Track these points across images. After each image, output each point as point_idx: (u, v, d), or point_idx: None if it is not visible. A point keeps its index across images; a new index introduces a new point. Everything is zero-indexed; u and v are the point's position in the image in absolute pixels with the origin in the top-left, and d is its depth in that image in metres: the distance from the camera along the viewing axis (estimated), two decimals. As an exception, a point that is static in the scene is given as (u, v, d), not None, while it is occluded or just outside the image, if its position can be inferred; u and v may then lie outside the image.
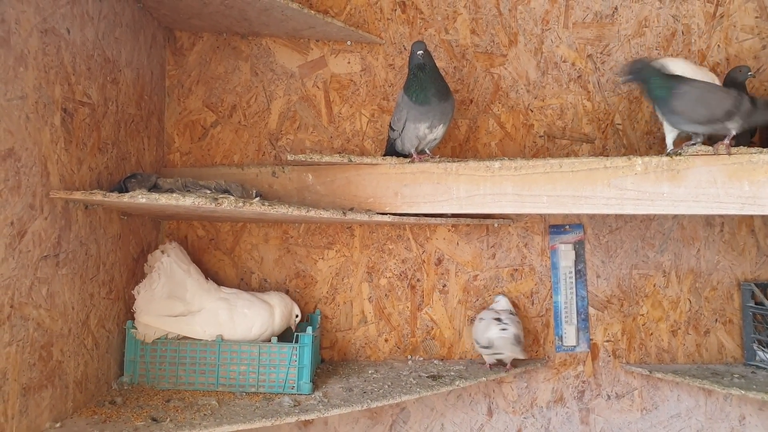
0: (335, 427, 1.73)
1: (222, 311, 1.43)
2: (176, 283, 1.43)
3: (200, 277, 1.50)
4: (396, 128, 1.55)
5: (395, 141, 1.58)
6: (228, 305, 1.44)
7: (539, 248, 1.80)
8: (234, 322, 1.43)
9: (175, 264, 1.43)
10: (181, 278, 1.44)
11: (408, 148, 1.54)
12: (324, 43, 1.80)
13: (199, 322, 1.41)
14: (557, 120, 1.82)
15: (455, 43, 1.83)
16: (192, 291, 1.44)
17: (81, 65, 1.24)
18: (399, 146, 1.57)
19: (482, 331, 1.62)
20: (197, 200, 1.13)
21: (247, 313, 1.44)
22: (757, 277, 1.78)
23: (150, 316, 1.38)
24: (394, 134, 1.57)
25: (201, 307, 1.43)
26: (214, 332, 1.42)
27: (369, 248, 1.78)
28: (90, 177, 1.28)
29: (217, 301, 1.45)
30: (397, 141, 1.57)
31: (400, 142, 1.55)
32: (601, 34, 1.84)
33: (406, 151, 1.55)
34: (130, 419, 1.16)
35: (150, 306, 1.39)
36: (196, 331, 1.41)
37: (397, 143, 1.57)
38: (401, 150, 1.57)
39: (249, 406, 1.31)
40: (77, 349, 1.21)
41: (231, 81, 1.78)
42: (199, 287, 1.46)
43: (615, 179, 1.34)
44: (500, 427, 1.77)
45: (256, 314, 1.45)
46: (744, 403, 1.75)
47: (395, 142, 1.58)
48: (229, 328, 1.42)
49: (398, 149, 1.58)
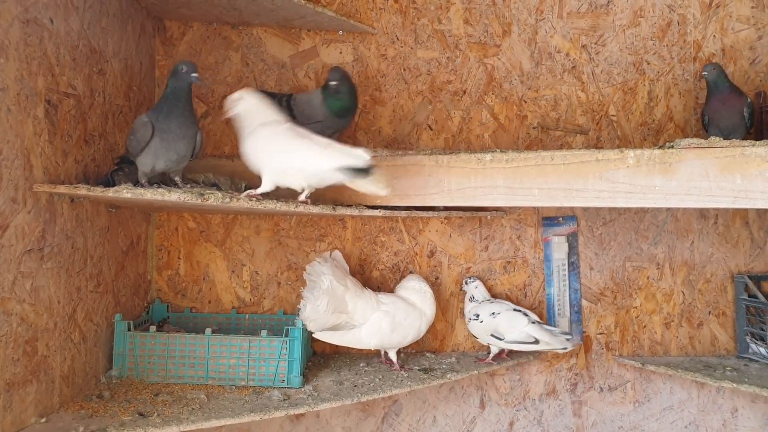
0: (327, 420, 1.73)
1: (385, 324, 1.51)
2: (338, 299, 1.47)
3: (358, 289, 1.54)
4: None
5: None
6: (390, 318, 1.52)
7: (532, 240, 1.79)
8: (394, 333, 1.52)
9: (335, 282, 1.47)
10: (342, 294, 1.48)
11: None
12: (315, 33, 1.78)
13: (365, 335, 1.50)
14: (551, 111, 1.80)
15: (448, 33, 1.80)
16: (352, 304, 1.49)
17: (65, 56, 1.22)
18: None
19: (510, 326, 1.57)
20: (183, 195, 1.12)
21: (404, 323, 1.53)
22: (751, 269, 1.78)
23: (319, 333, 1.48)
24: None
25: (364, 319, 1.50)
26: (378, 343, 1.52)
27: (361, 240, 1.77)
28: (76, 169, 1.26)
29: (380, 313, 1.51)
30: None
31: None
32: (595, 24, 1.81)
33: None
34: (116, 414, 1.16)
35: (317, 321, 1.44)
36: (363, 342, 1.51)
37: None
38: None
39: (238, 400, 1.30)
40: (63, 344, 1.20)
41: (221, 71, 1.76)
42: (359, 299, 1.51)
43: (607, 172, 1.33)
44: (492, 419, 1.77)
45: (410, 325, 1.54)
46: (736, 395, 1.75)
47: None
48: (388, 337, 1.52)
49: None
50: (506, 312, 1.60)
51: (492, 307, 1.62)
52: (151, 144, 1.22)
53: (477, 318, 1.62)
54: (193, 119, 1.30)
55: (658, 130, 1.80)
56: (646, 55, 1.81)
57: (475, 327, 1.63)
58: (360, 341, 1.50)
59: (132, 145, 1.25)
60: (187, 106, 1.27)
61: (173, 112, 1.24)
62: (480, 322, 1.61)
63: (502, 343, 1.60)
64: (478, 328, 1.62)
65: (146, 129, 1.22)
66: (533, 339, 1.56)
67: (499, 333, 1.59)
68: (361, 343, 1.51)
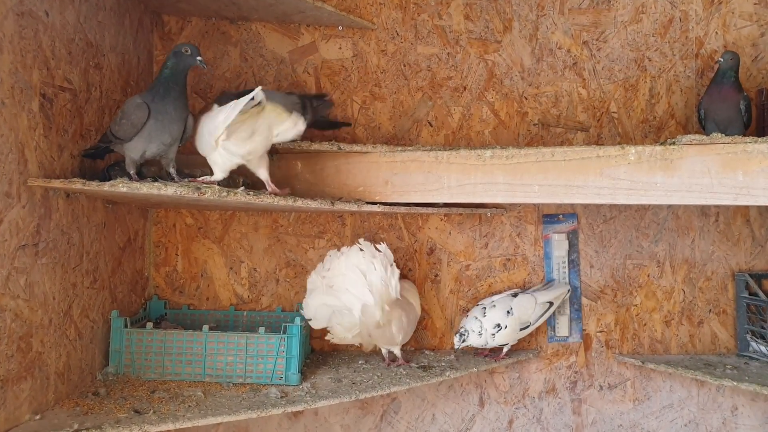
0: (325, 418, 1.72)
1: (404, 320, 1.53)
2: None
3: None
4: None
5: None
6: (406, 314, 1.53)
7: (532, 238, 1.78)
8: (409, 327, 1.57)
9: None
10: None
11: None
12: (315, 29, 1.77)
13: (395, 332, 1.51)
14: (552, 108, 1.79)
15: (449, 28, 1.79)
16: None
17: (61, 49, 1.20)
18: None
19: (529, 308, 1.60)
20: (179, 189, 1.11)
21: (410, 318, 1.58)
22: (752, 267, 1.77)
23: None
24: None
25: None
26: (403, 339, 1.55)
27: (360, 237, 1.75)
28: (72, 164, 1.25)
29: (400, 310, 1.51)
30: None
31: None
32: (597, 20, 1.80)
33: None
34: (112, 411, 1.15)
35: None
36: (396, 340, 1.53)
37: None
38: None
39: (235, 397, 1.29)
40: (59, 340, 1.19)
41: (220, 67, 1.74)
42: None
43: (607, 168, 1.32)
44: (492, 417, 1.76)
45: (415, 319, 1.61)
46: (736, 393, 1.74)
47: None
48: (406, 333, 1.55)
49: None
50: (513, 302, 1.59)
51: (497, 310, 1.58)
52: (146, 127, 1.19)
53: (499, 327, 1.55)
54: (186, 103, 1.28)
55: (660, 127, 1.79)
56: (648, 52, 1.79)
57: (503, 335, 1.56)
58: (393, 339, 1.50)
59: (123, 129, 1.20)
60: (183, 90, 1.26)
61: (169, 94, 1.21)
62: (505, 327, 1.56)
63: (531, 328, 1.61)
64: (506, 333, 1.56)
65: (142, 111, 1.19)
66: (549, 303, 1.62)
67: (525, 322, 1.60)
68: (394, 341, 1.51)
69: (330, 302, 1.40)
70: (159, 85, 1.23)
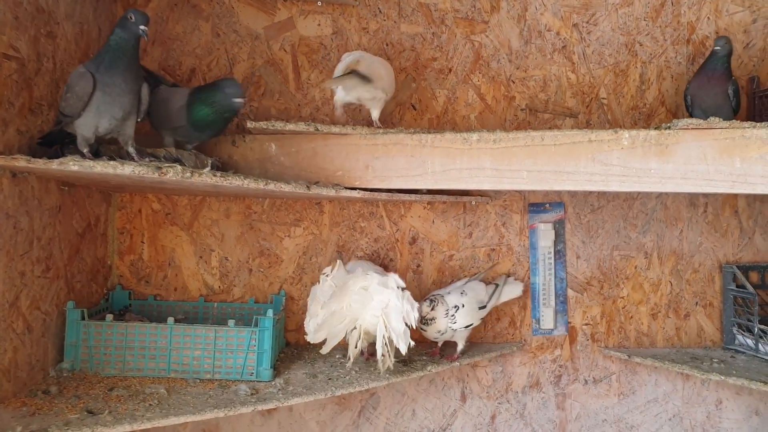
0: (300, 414, 1.64)
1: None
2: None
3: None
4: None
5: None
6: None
7: (518, 227, 1.71)
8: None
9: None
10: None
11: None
12: (292, 3, 1.66)
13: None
14: (540, 92, 1.72)
15: (434, 6, 1.70)
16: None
17: (6, 13, 1.08)
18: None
19: (480, 290, 1.56)
20: (138, 169, 1.00)
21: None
22: (739, 259, 1.73)
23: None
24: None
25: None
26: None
27: (339, 226, 1.67)
28: (20, 141, 1.13)
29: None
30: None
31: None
32: (587, 2, 1.73)
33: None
34: (62, 411, 1.04)
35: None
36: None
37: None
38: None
39: (201, 394, 1.20)
40: (3, 334, 1.08)
41: (190, 42, 1.63)
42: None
43: (600, 154, 1.25)
44: (474, 412, 1.70)
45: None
46: (721, 387, 1.71)
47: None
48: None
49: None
50: (465, 285, 1.53)
51: (452, 295, 1.48)
52: (93, 99, 1.08)
53: (457, 308, 1.46)
54: (139, 74, 1.17)
55: (650, 114, 1.73)
56: (639, 36, 1.73)
57: (462, 314, 1.46)
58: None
59: (70, 104, 1.10)
60: (133, 61, 1.14)
61: (116, 65, 1.10)
62: (462, 306, 1.46)
63: (488, 308, 1.54)
64: (465, 312, 1.46)
65: (86, 81, 1.08)
66: (495, 285, 1.59)
67: (481, 301, 1.52)
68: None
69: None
70: (105, 54, 1.12)
